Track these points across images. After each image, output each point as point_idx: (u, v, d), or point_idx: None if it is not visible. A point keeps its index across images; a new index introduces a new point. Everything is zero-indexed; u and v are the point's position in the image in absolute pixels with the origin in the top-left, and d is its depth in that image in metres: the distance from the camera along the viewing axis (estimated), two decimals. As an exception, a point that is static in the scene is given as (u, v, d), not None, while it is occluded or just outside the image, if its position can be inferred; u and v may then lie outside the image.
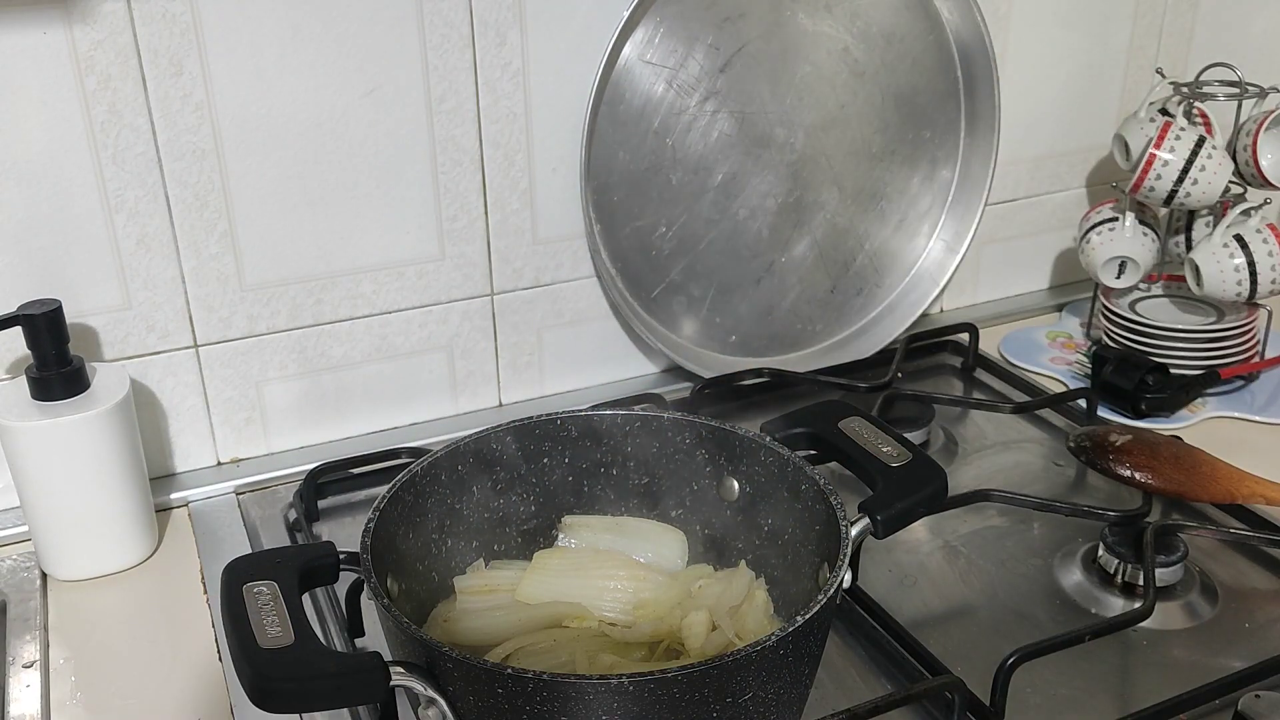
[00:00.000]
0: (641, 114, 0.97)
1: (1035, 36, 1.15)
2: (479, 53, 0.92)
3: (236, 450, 0.97)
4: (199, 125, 0.86)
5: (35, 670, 0.74)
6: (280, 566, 0.59)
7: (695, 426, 0.76)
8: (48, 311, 0.80)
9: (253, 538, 0.88)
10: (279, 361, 0.95)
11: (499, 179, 0.97)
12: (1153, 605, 0.74)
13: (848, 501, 0.66)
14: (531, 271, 1.01)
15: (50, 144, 0.83)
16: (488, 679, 0.55)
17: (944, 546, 0.86)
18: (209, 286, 0.91)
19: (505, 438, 0.76)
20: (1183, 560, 0.79)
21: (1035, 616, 0.78)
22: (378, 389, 1.00)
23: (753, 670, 0.56)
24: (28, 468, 0.80)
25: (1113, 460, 0.87)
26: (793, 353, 1.11)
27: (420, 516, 0.72)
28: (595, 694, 0.54)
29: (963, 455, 0.98)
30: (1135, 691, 0.72)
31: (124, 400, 0.82)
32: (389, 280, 0.97)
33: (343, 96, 0.89)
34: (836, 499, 0.66)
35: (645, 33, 0.95)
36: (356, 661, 0.56)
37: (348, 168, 0.92)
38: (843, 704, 0.64)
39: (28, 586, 0.83)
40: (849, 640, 0.76)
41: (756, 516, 0.74)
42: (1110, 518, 0.83)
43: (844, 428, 0.71)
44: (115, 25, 0.81)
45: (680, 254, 1.02)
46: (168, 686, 0.73)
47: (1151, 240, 1.10)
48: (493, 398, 1.05)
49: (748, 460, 0.74)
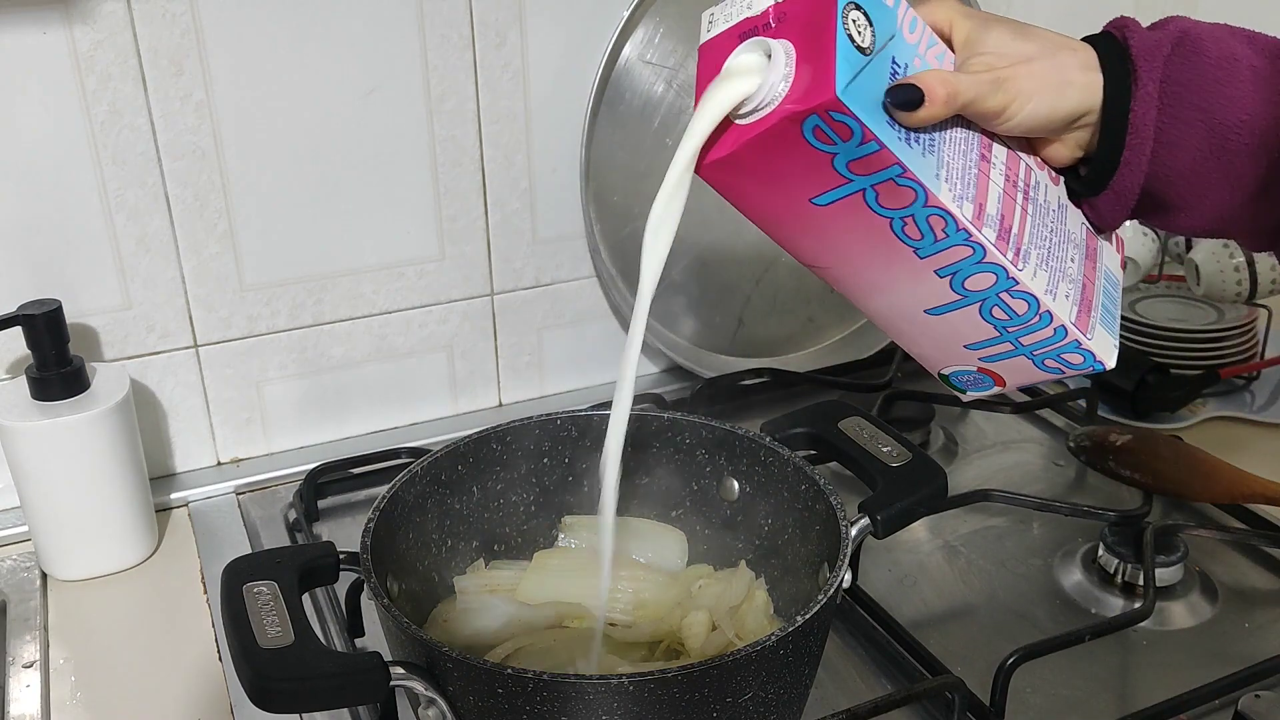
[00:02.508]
0: (641, 114, 0.97)
1: (1035, 36, 1.15)
2: (479, 53, 0.93)
3: (236, 450, 0.97)
4: (199, 125, 0.86)
5: (35, 670, 0.74)
6: (280, 566, 0.59)
7: (695, 426, 0.76)
8: (48, 311, 0.80)
9: (253, 538, 0.88)
10: (279, 361, 0.95)
11: (499, 179, 0.97)
12: (1153, 605, 0.74)
13: (848, 501, 0.66)
14: (531, 271, 1.01)
15: (50, 144, 0.83)
16: (488, 679, 0.55)
17: (944, 546, 0.86)
18: (209, 286, 0.91)
19: (505, 438, 0.76)
20: (1183, 560, 0.79)
21: (1035, 616, 0.78)
22: (378, 389, 1.00)
23: (753, 670, 0.56)
24: (28, 468, 0.80)
25: (1113, 460, 0.87)
26: (793, 353, 1.12)
27: (420, 516, 0.72)
28: (595, 694, 0.54)
29: (963, 455, 0.98)
30: (1135, 691, 0.72)
31: (124, 400, 0.82)
32: (389, 280, 0.97)
33: (343, 96, 0.89)
34: (836, 499, 0.66)
35: (645, 33, 0.95)
36: (356, 661, 0.56)
37: (348, 168, 0.92)
38: (843, 704, 0.64)
39: (28, 586, 0.83)
40: (849, 640, 0.76)
41: (756, 516, 0.74)
42: (1110, 518, 0.83)
43: (844, 428, 0.71)
44: (115, 25, 0.81)
45: (680, 254, 1.02)
46: (168, 686, 0.73)
47: (1151, 240, 1.10)
48: (493, 398, 1.05)
49: (748, 460, 0.74)
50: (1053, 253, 0.61)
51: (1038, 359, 0.63)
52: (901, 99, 0.53)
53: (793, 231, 0.60)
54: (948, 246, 0.57)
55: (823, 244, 0.60)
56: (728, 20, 0.58)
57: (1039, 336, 0.61)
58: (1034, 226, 0.60)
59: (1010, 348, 0.62)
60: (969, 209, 0.56)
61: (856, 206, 0.56)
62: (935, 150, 0.56)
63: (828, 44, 0.52)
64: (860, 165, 0.54)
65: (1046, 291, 0.59)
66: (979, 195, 0.57)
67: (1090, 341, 0.61)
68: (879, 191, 0.55)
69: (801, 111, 0.53)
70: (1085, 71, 0.58)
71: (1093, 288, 0.63)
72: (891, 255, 0.58)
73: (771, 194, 0.58)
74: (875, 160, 0.54)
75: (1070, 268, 0.62)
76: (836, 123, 0.53)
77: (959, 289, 0.59)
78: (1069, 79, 0.58)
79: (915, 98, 0.53)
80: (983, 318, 0.61)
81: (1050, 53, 0.58)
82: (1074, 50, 0.59)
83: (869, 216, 0.56)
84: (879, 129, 0.53)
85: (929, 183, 0.55)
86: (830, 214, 0.57)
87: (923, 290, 0.60)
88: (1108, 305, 0.64)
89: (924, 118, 0.54)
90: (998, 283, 0.58)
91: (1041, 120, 0.58)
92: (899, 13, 0.56)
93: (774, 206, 0.59)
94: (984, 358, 0.64)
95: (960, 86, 0.55)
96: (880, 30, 0.54)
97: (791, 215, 0.58)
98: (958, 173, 0.57)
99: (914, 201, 0.55)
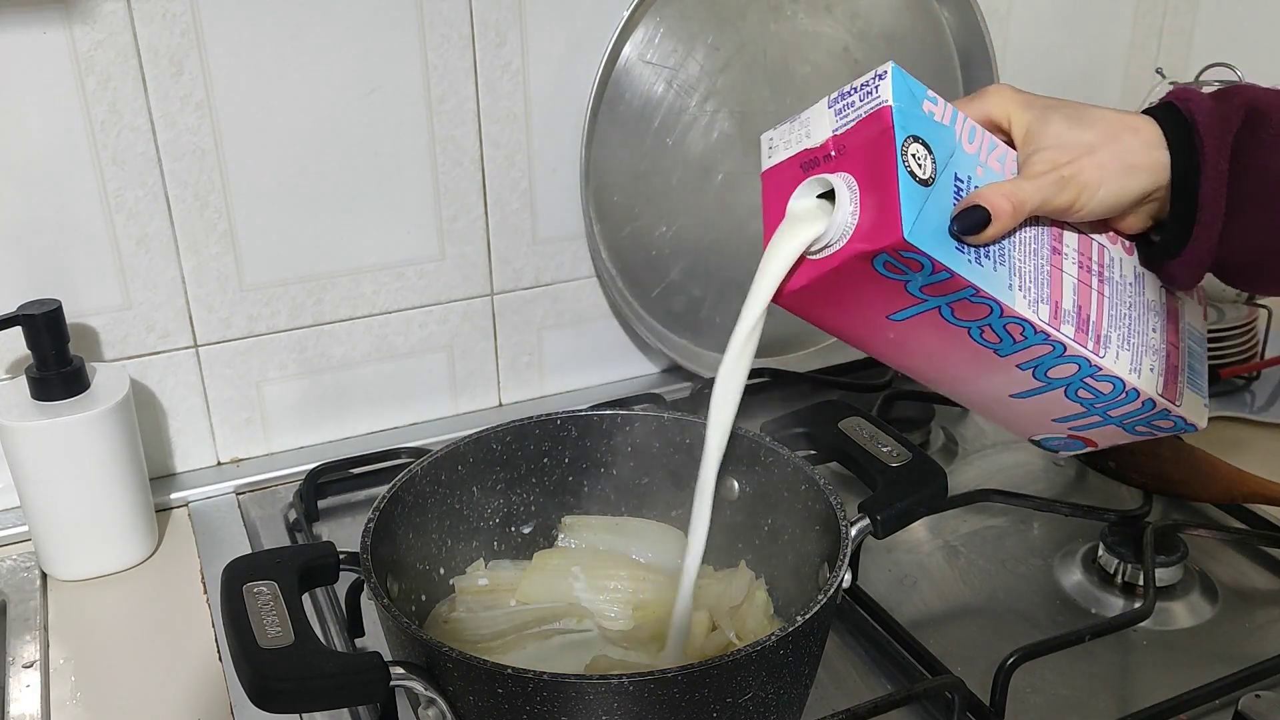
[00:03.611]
0: (641, 114, 0.97)
1: (1035, 36, 1.15)
2: (479, 53, 0.93)
3: (236, 450, 0.97)
4: (199, 125, 0.86)
5: (35, 670, 0.74)
6: (280, 566, 0.59)
7: (695, 426, 0.76)
8: (48, 311, 0.80)
9: (253, 538, 0.88)
10: (279, 361, 0.95)
11: (499, 179, 0.97)
12: (1153, 605, 0.74)
13: (848, 501, 0.66)
14: (531, 271, 1.01)
15: (50, 144, 0.83)
16: (488, 679, 0.55)
17: (944, 546, 0.86)
18: (209, 286, 0.91)
19: (505, 438, 0.76)
20: (1183, 560, 0.79)
21: (1035, 616, 0.78)
22: (378, 389, 1.00)
23: (753, 670, 0.56)
24: (28, 468, 0.80)
25: (1113, 460, 0.87)
26: (793, 353, 1.11)
27: (420, 516, 0.72)
28: (595, 694, 0.54)
29: (963, 455, 0.98)
30: (1135, 691, 0.72)
31: (124, 400, 0.82)
32: (389, 280, 0.97)
33: (343, 96, 0.89)
34: (836, 499, 0.66)
35: (645, 33, 0.95)
36: (356, 661, 0.56)
37: (348, 167, 0.92)
38: (843, 704, 0.64)
39: (28, 586, 0.83)
40: (849, 640, 0.76)
41: (756, 516, 0.74)
42: (1110, 518, 0.83)
43: (844, 428, 0.71)
44: (115, 25, 0.81)
45: (680, 254, 1.02)
46: (168, 686, 0.73)
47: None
48: (493, 398, 1.05)
49: (748, 460, 0.74)
50: (1134, 329, 0.61)
51: (1128, 426, 0.64)
52: (968, 224, 0.53)
53: (874, 342, 0.62)
54: (1027, 346, 0.58)
55: (904, 350, 0.62)
56: (787, 149, 0.59)
57: (1127, 410, 0.62)
58: (1112, 307, 0.61)
59: (1099, 420, 0.63)
60: (1045, 311, 0.57)
61: (933, 320, 0.57)
62: (1006, 260, 0.56)
63: (889, 181, 0.53)
64: (933, 289, 0.55)
65: (1131, 370, 0.60)
66: (1054, 293, 0.58)
67: (1179, 408, 0.62)
68: (954, 308, 0.56)
69: (870, 251, 0.54)
70: (1150, 151, 0.57)
71: (1177, 353, 0.63)
72: (972, 356, 0.59)
73: (849, 314, 0.59)
74: (948, 285, 0.55)
75: (1153, 338, 0.62)
76: (906, 259, 0.53)
77: (1042, 378, 0.60)
78: (1134, 163, 0.57)
79: (982, 219, 0.53)
80: (1069, 399, 0.62)
81: (1113, 137, 0.57)
82: (1136, 130, 0.58)
83: (946, 328, 0.57)
84: (948, 259, 0.54)
85: (1002, 297, 0.55)
86: (908, 327, 0.58)
87: (1007, 380, 0.61)
88: (1194, 365, 0.65)
89: (992, 235, 0.54)
90: (1080, 370, 0.59)
91: (1110, 206, 0.58)
92: (956, 128, 0.56)
93: (853, 323, 0.61)
94: (1074, 428, 0.65)
95: (1024, 195, 0.55)
96: (940, 154, 0.54)
97: (870, 329, 0.60)
98: (1030, 276, 0.57)
99: (989, 315, 0.56)
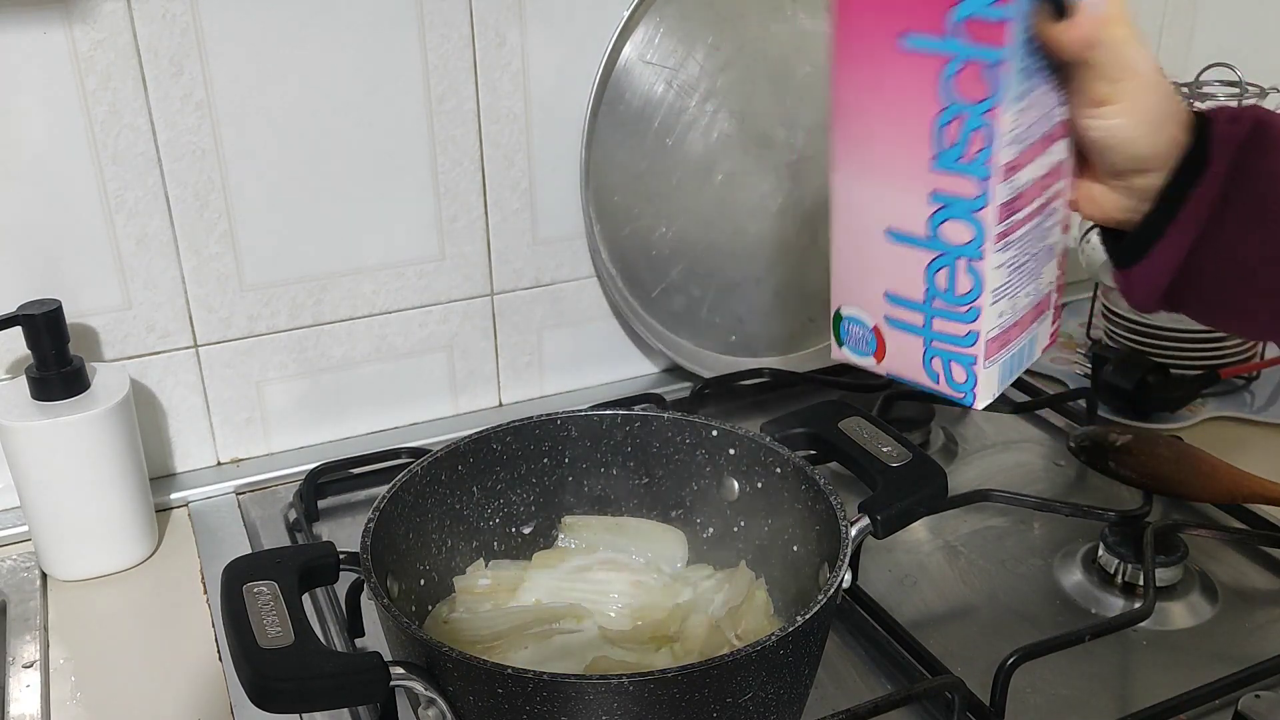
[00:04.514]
0: (641, 114, 0.97)
1: (1035, 36, 1.15)
2: (479, 53, 0.93)
3: (236, 450, 0.97)
4: (199, 125, 0.86)
5: (35, 670, 0.74)
6: (280, 566, 0.59)
7: (695, 426, 0.76)
8: (48, 311, 0.80)
9: (253, 538, 0.88)
10: (279, 361, 0.95)
11: (499, 179, 0.97)
12: (1153, 605, 0.74)
13: (848, 501, 0.66)
14: (531, 271, 1.01)
15: (50, 144, 0.83)
16: (488, 679, 0.55)
17: (944, 546, 0.86)
18: (209, 286, 0.91)
19: (505, 438, 0.76)
20: (1183, 560, 0.79)
21: (1035, 616, 0.78)
22: (378, 389, 1.00)
23: (753, 670, 0.56)
24: (28, 468, 0.80)
25: (1113, 460, 0.87)
26: (793, 353, 1.12)
27: (420, 516, 0.72)
28: (595, 694, 0.54)
29: (963, 455, 0.98)
30: (1135, 691, 0.72)
31: (124, 400, 0.82)
32: (389, 280, 0.97)
33: (342, 97, 0.89)
34: (836, 499, 0.66)
35: (645, 33, 0.95)
36: (356, 661, 0.56)
37: (348, 168, 0.92)
38: (843, 704, 0.64)
39: (28, 586, 0.83)
40: (849, 640, 0.76)
41: (756, 516, 0.74)
42: (1110, 518, 0.83)
43: (844, 428, 0.71)
44: (115, 25, 0.81)
45: (680, 254, 1.02)
46: (168, 686, 0.73)
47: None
48: (493, 398, 1.05)
49: (748, 460, 0.74)
50: (1021, 270, 0.60)
51: (929, 352, 0.62)
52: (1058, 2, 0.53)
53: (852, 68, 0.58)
54: (962, 173, 0.56)
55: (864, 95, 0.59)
56: None
57: (951, 329, 0.60)
58: (1028, 236, 0.60)
59: (921, 321, 0.61)
60: (1009, 154, 0.56)
61: (929, 74, 0.55)
62: (1029, 84, 0.55)
63: None
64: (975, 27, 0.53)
65: (994, 291, 0.59)
66: (1021, 157, 0.57)
67: (982, 370, 0.61)
68: (963, 67, 0.54)
69: None
70: (1181, 125, 0.58)
71: (1019, 332, 0.63)
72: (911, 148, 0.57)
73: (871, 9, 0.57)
74: (992, 31, 0.53)
75: (1020, 301, 0.61)
76: None
77: (933, 226, 0.58)
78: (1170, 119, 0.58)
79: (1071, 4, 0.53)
80: (925, 273, 0.60)
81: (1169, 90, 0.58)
82: (1180, 107, 0.59)
83: (929, 94, 0.56)
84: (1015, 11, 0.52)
85: (1007, 93, 0.54)
86: (900, 65, 0.56)
87: (903, 206, 0.59)
88: (1016, 359, 0.64)
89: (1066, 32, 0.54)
90: (968, 245, 0.58)
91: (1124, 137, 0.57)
92: None
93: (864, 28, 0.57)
94: (890, 317, 0.63)
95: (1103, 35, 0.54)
96: None
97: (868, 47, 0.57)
98: (1026, 121, 0.56)
99: (981, 101, 0.55)
